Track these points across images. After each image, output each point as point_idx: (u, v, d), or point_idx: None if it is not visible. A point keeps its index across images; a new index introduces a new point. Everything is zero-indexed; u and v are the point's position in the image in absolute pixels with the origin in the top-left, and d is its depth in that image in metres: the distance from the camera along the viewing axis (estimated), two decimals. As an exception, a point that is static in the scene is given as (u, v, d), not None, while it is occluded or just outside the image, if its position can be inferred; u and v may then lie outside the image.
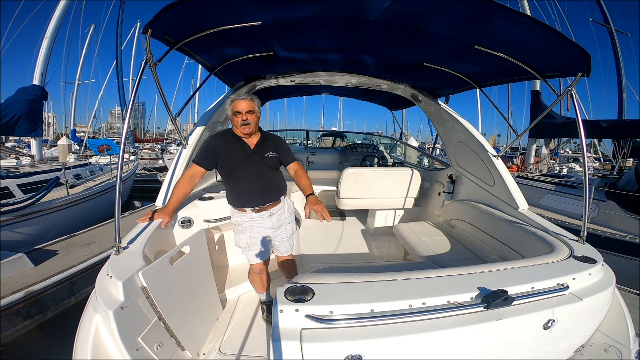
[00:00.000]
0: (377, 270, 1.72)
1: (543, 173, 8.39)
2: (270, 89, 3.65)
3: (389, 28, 1.92)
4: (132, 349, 1.22)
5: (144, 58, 1.69)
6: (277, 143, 2.01)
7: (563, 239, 1.81)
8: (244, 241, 2.00)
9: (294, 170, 2.02)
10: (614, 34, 11.20)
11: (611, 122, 6.19)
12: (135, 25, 20.76)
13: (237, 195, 1.95)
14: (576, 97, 1.87)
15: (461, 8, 1.57)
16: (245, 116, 1.81)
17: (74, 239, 4.26)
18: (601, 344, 1.39)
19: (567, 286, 1.32)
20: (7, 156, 8.18)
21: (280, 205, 2.04)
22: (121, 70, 10.96)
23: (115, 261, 1.43)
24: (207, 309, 2.02)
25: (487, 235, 2.48)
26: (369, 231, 3.99)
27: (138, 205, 9.55)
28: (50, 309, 3.08)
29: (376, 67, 2.91)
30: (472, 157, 2.96)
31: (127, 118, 1.86)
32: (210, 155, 1.87)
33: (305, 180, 1.97)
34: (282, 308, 1.05)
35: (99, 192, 6.81)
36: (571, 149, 19.04)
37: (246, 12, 1.74)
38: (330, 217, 1.71)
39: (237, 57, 2.48)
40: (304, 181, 1.96)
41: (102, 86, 20.31)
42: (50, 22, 8.02)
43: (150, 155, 17.49)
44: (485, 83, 2.72)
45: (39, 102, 6.91)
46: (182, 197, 1.94)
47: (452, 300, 1.16)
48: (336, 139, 8.30)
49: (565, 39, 1.56)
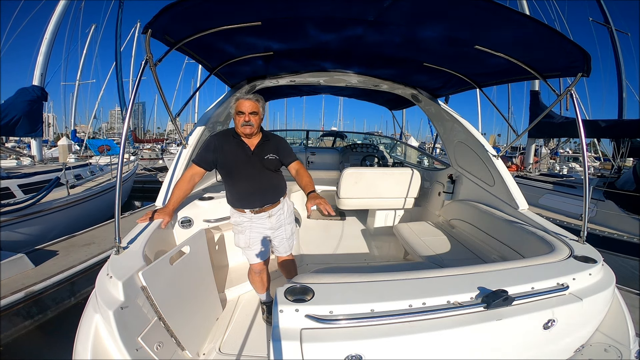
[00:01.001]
0: (377, 270, 1.72)
1: (542, 173, 8.40)
2: (271, 89, 3.65)
3: (388, 28, 1.92)
4: (132, 349, 1.22)
5: (144, 58, 1.69)
6: (279, 144, 1.99)
7: (563, 239, 1.81)
8: (243, 241, 2.00)
9: (295, 170, 1.99)
10: (614, 33, 11.19)
11: (609, 122, 6.20)
12: (135, 26, 20.74)
13: (236, 196, 1.95)
14: (576, 97, 1.87)
15: (461, 8, 1.57)
16: (248, 117, 1.79)
17: (74, 239, 4.26)
18: (601, 344, 1.39)
19: (567, 286, 1.32)
20: (7, 157, 8.19)
21: (279, 206, 2.04)
22: (121, 70, 10.95)
23: (115, 261, 1.43)
24: (207, 309, 2.02)
25: (487, 235, 2.48)
26: (369, 231, 3.99)
27: (138, 206, 9.56)
28: (51, 309, 3.08)
29: (376, 67, 2.91)
30: (472, 157, 2.96)
31: (127, 118, 1.86)
32: (210, 155, 1.87)
33: (307, 178, 1.93)
34: (282, 308, 1.05)
35: (99, 192, 6.81)
36: (571, 149, 19.03)
37: (246, 12, 1.75)
38: (332, 211, 1.67)
39: (237, 57, 2.49)
40: (305, 179, 1.92)
41: (102, 86, 20.33)
42: (50, 22, 8.00)
43: (150, 155, 17.47)
44: (485, 83, 2.72)
45: (39, 103, 6.90)
46: (182, 197, 1.94)
47: (452, 300, 1.16)
48: (336, 139, 8.30)
49: (565, 39, 1.56)
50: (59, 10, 8.16)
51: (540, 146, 9.72)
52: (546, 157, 9.61)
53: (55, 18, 8.07)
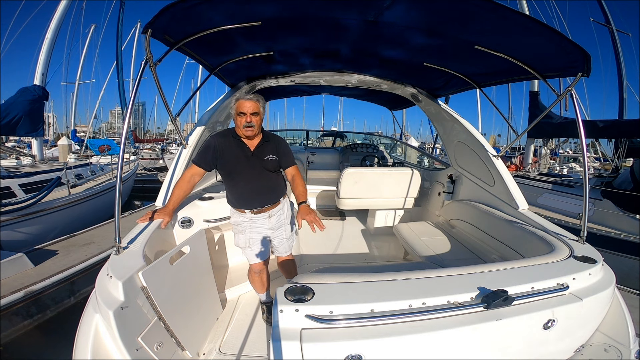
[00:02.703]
0: (377, 270, 1.72)
1: (541, 172, 8.41)
2: (271, 89, 3.65)
3: (389, 28, 1.92)
4: (132, 349, 1.22)
5: (144, 58, 1.69)
6: (279, 145, 1.98)
7: (563, 239, 1.81)
8: (243, 241, 2.00)
9: (291, 175, 2.00)
10: (615, 33, 11.18)
11: (606, 122, 6.24)
12: (135, 26, 20.75)
13: (236, 196, 1.95)
14: (576, 97, 1.87)
15: (461, 8, 1.57)
16: (249, 118, 1.78)
17: (73, 239, 4.26)
18: (601, 344, 1.39)
19: (567, 286, 1.32)
20: (8, 156, 8.19)
21: (279, 206, 2.04)
22: (121, 70, 10.97)
23: (115, 261, 1.43)
24: (207, 309, 2.02)
25: (487, 235, 2.48)
26: (369, 231, 3.99)
27: (138, 205, 9.55)
28: (50, 309, 3.07)
29: (376, 67, 2.91)
30: (472, 157, 2.96)
31: (127, 118, 1.85)
32: (209, 156, 1.86)
33: (301, 187, 1.92)
34: (282, 308, 1.05)
35: (100, 192, 6.82)
36: (571, 149, 19.02)
37: (246, 12, 1.75)
38: (323, 226, 1.63)
39: (237, 57, 2.49)
40: (299, 188, 1.92)
41: (103, 86, 20.35)
42: (51, 22, 8.01)
43: (150, 155, 17.48)
44: (485, 83, 2.72)
45: (40, 102, 6.90)
46: (182, 197, 1.94)
47: (452, 300, 1.16)
48: (336, 139, 8.30)
49: (565, 39, 1.56)
50: (60, 11, 8.17)
51: (540, 146, 9.71)
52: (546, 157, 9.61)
53: (56, 18, 8.08)
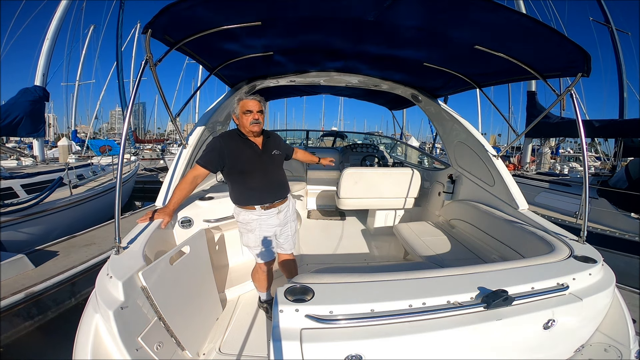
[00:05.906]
0: (377, 270, 1.72)
1: (539, 172, 8.43)
2: (271, 89, 3.65)
3: (388, 28, 1.92)
4: (132, 349, 1.22)
5: (144, 58, 1.70)
6: (278, 139, 2.12)
7: (563, 238, 1.81)
8: (253, 240, 2.00)
9: (299, 154, 2.39)
10: (614, 33, 11.17)
11: (603, 122, 6.29)
12: (135, 26, 20.75)
13: (248, 194, 1.95)
14: (576, 97, 1.87)
15: (461, 8, 1.57)
16: (256, 115, 1.86)
17: (74, 240, 4.25)
18: (601, 344, 1.39)
19: (567, 286, 1.32)
20: (8, 157, 8.20)
21: (287, 202, 2.11)
22: (121, 70, 10.95)
23: (116, 261, 1.43)
24: (207, 309, 2.02)
25: (487, 235, 2.48)
26: (369, 231, 3.99)
27: (139, 206, 9.57)
28: (51, 309, 3.07)
29: (376, 67, 2.91)
30: (472, 157, 2.96)
31: (127, 118, 1.85)
32: (217, 158, 1.84)
33: (309, 154, 2.54)
34: (282, 308, 1.05)
35: (101, 192, 6.82)
36: (572, 149, 19.00)
37: (246, 12, 1.75)
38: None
39: (237, 57, 2.49)
40: (309, 155, 2.53)
41: (103, 87, 20.35)
42: (51, 22, 8.01)
43: (151, 155, 17.48)
44: (485, 83, 2.72)
45: (41, 103, 6.90)
46: (183, 198, 1.94)
47: (452, 300, 1.16)
48: (336, 139, 8.31)
49: (565, 39, 1.56)
50: (60, 11, 8.17)
51: (539, 146, 9.73)
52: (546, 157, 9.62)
53: (56, 18, 8.08)
